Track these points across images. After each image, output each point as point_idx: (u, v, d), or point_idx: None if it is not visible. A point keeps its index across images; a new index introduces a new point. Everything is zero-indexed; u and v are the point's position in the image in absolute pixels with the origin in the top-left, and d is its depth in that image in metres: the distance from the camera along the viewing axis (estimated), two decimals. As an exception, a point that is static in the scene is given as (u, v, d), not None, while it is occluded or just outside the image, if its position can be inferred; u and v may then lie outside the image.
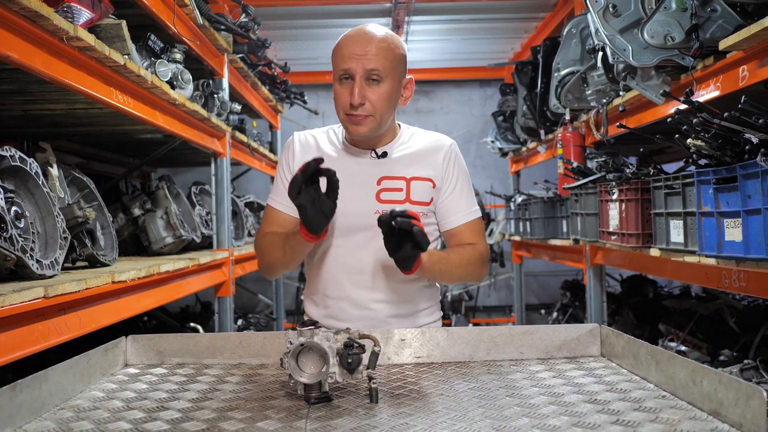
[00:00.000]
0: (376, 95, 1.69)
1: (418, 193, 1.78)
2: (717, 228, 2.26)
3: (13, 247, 1.93)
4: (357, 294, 1.78)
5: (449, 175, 1.82)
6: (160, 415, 1.21)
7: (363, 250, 1.77)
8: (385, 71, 1.69)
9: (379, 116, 1.71)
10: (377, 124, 1.72)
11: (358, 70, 1.67)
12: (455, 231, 1.83)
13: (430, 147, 1.84)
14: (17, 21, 1.78)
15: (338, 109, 1.73)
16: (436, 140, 1.86)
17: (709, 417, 1.10)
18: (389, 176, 1.78)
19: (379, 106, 1.70)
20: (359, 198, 1.76)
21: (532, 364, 1.54)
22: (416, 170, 1.79)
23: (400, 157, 1.81)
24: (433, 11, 5.66)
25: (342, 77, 1.70)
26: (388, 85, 1.70)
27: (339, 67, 1.70)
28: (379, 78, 1.69)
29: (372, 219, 1.73)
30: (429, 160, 1.81)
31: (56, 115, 2.97)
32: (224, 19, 3.82)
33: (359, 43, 1.69)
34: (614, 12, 2.75)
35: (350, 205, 1.74)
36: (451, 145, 1.86)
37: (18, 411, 1.15)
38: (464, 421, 1.13)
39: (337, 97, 1.72)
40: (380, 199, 1.76)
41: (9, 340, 1.67)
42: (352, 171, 1.77)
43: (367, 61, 1.67)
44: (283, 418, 1.18)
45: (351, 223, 1.76)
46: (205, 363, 1.61)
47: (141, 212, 3.51)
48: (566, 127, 4.21)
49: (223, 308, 4.03)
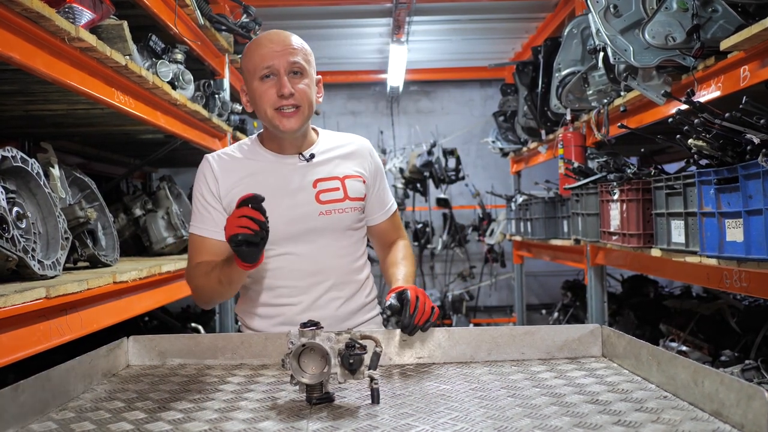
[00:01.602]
0: (301, 87, 1.73)
1: (354, 190, 1.83)
2: (718, 228, 2.26)
3: (15, 247, 1.93)
4: (314, 295, 1.79)
5: (373, 173, 1.90)
6: (162, 415, 1.21)
7: (314, 252, 1.78)
8: (305, 64, 1.75)
9: (306, 108, 1.75)
10: (305, 117, 1.76)
11: (282, 63, 1.72)
12: (383, 226, 1.96)
13: (353, 146, 1.90)
14: (19, 22, 1.78)
15: (264, 107, 1.74)
16: (356, 139, 1.94)
17: (711, 417, 1.10)
18: (323, 177, 1.81)
19: (304, 97, 1.74)
20: (300, 203, 1.77)
21: (533, 365, 1.54)
22: (347, 169, 1.85)
23: (329, 158, 1.84)
24: (433, 11, 5.66)
25: (263, 76, 1.72)
26: (308, 79, 1.76)
27: (260, 66, 1.72)
28: (301, 71, 1.74)
29: (316, 221, 1.78)
30: (356, 158, 1.88)
31: (57, 116, 2.97)
32: (225, 20, 3.82)
33: (276, 42, 1.75)
34: (615, 12, 2.74)
35: (293, 211, 1.76)
36: (369, 144, 1.95)
37: (21, 411, 1.15)
38: (466, 421, 1.14)
39: (261, 95, 1.73)
40: (320, 200, 1.79)
41: (11, 340, 1.67)
42: (285, 178, 1.79)
43: (289, 54, 1.73)
44: (284, 419, 1.18)
45: (297, 228, 1.77)
46: (207, 363, 1.61)
47: (142, 212, 3.51)
48: (567, 127, 4.21)
49: (224, 308, 4.03)
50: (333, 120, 7.46)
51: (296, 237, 1.77)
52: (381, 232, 1.97)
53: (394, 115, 7.84)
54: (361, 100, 7.88)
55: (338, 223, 1.80)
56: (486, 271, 7.73)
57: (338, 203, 1.80)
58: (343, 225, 1.81)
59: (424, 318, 1.58)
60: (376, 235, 1.98)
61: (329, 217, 1.78)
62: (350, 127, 7.20)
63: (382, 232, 1.97)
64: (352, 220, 1.83)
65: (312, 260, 1.78)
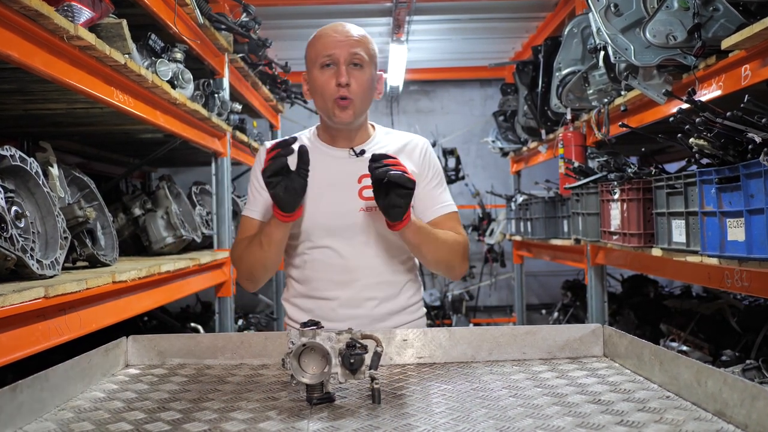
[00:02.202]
0: (359, 80, 1.73)
1: None
2: (719, 228, 2.25)
3: (14, 247, 1.92)
4: (347, 293, 1.78)
5: (426, 169, 1.85)
6: (162, 415, 1.20)
7: (351, 249, 1.77)
8: (366, 58, 1.74)
9: (360, 102, 1.74)
10: (359, 111, 1.75)
11: (342, 54, 1.71)
12: (435, 222, 1.83)
13: (406, 145, 1.87)
14: (17, 20, 1.77)
15: (324, 96, 1.74)
16: (411, 138, 1.90)
17: (714, 417, 1.10)
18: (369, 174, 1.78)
19: (360, 91, 1.73)
20: (342, 198, 1.76)
21: (534, 365, 1.54)
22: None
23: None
24: (433, 11, 5.65)
25: (324, 64, 1.73)
26: (368, 73, 1.75)
27: (321, 55, 1.73)
28: (361, 63, 1.73)
29: (357, 217, 1.75)
30: (406, 156, 1.84)
31: (56, 115, 2.96)
32: (225, 19, 3.81)
33: (340, 32, 1.74)
34: (616, 11, 2.74)
35: (334, 206, 1.76)
36: (426, 142, 1.90)
37: (18, 412, 1.14)
38: (467, 421, 1.13)
39: (319, 84, 1.73)
40: (363, 196, 1.77)
41: (9, 340, 1.66)
42: (331, 171, 1.78)
43: (350, 46, 1.72)
44: (285, 419, 1.17)
45: (336, 223, 1.76)
46: (206, 363, 1.60)
47: (141, 212, 3.51)
48: (567, 126, 4.20)
49: (223, 308, 4.02)
50: (333, 120, 7.44)
51: (335, 231, 1.76)
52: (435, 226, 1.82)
53: (393, 114, 7.83)
54: (360, 100, 7.85)
55: (380, 220, 1.75)
56: (486, 270, 7.72)
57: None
58: (384, 223, 1.75)
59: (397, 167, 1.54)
60: None
61: (371, 214, 1.76)
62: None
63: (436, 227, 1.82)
64: None
65: (348, 256, 1.77)
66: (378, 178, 1.54)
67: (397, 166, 1.55)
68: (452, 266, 1.83)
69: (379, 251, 1.79)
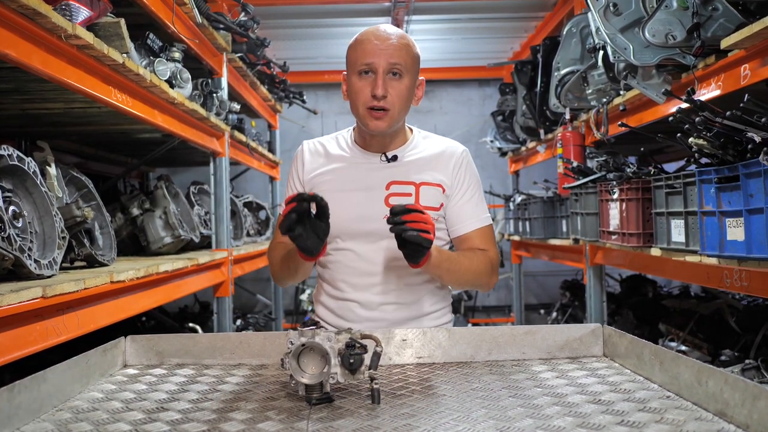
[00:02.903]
0: (397, 90, 1.70)
1: (428, 198, 1.78)
2: (719, 227, 2.25)
3: (11, 246, 1.91)
4: (367, 297, 1.79)
5: (460, 181, 1.81)
6: (160, 416, 1.20)
7: (372, 253, 1.78)
8: (406, 67, 1.71)
9: (396, 112, 1.72)
10: (394, 120, 1.73)
11: (381, 63, 1.68)
12: (466, 237, 1.82)
13: (442, 153, 1.83)
14: (15, 19, 1.76)
15: (358, 104, 1.73)
16: (449, 146, 1.86)
17: (715, 417, 1.09)
18: (398, 181, 1.78)
19: (398, 101, 1.71)
20: (368, 202, 1.76)
21: (534, 365, 1.53)
22: (426, 175, 1.79)
23: (411, 161, 1.81)
24: (432, 10, 5.65)
25: (362, 71, 1.70)
26: (408, 81, 1.72)
27: (360, 62, 1.70)
28: (401, 73, 1.70)
29: (380, 223, 1.73)
30: (440, 165, 1.81)
31: (54, 114, 2.95)
32: (223, 18, 3.80)
33: (381, 39, 1.71)
34: (615, 11, 2.74)
35: (359, 209, 1.76)
36: (464, 151, 1.86)
37: (16, 412, 1.14)
38: (467, 421, 1.12)
39: (356, 91, 1.72)
40: (389, 203, 1.76)
41: (7, 340, 1.66)
42: (361, 175, 1.79)
43: (390, 55, 1.69)
44: (284, 419, 1.17)
45: (360, 227, 1.77)
46: (205, 363, 1.60)
47: (139, 212, 3.50)
48: (566, 126, 4.20)
49: (222, 308, 4.01)
50: (331, 119, 7.44)
51: (359, 235, 1.77)
52: (465, 242, 1.82)
53: (392, 114, 7.82)
54: (359, 100, 7.85)
55: None
56: (484, 270, 7.70)
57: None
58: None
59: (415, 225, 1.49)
60: (460, 245, 1.84)
61: None
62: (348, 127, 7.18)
63: (465, 242, 1.82)
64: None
65: (369, 261, 1.78)
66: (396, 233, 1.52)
67: (417, 223, 1.50)
68: (479, 285, 1.84)
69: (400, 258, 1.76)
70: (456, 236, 1.83)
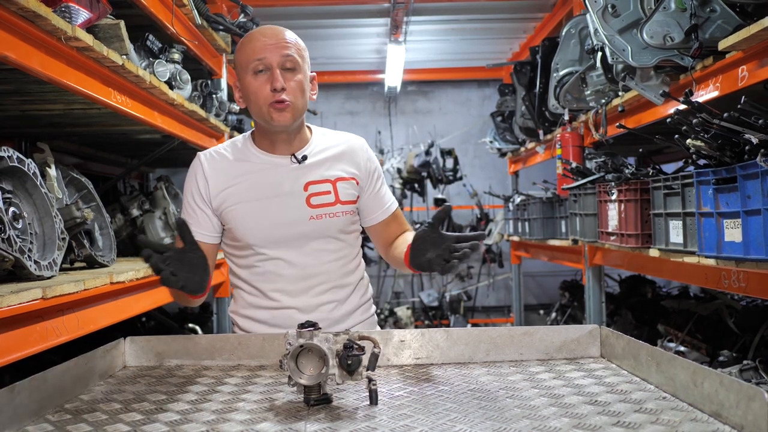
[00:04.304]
0: (294, 82, 1.71)
1: (345, 193, 1.80)
2: (717, 228, 2.26)
3: (11, 248, 1.92)
4: (304, 301, 1.78)
5: (370, 171, 1.86)
6: (159, 417, 1.21)
7: (303, 257, 1.77)
8: (298, 60, 1.72)
9: (299, 104, 1.72)
10: (298, 113, 1.73)
11: (274, 58, 1.69)
12: (389, 220, 1.90)
13: (347, 146, 1.86)
14: (15, 21, 1.77)
15: (259, 102, 1.70)
16: (350, 139, 1.89)
17: (710, 419, 1.10)
18: (315, 180, 1.78)
19: (296, 93, 1.71)
20: (290, 207, 1.75)
21: (532, 366, 1.54)
22: (339, 171, 1.81)
23: (321, 159, 1.81)
24: (431, 11, 5.66)
25: (256, 70, 1.70)
26: (301, 74, 1.73)
27: (252, 59, 1.70)
28: (294, 66, 1.71)
29: (306, 225, 1.75)
30: (349, 159, 1.84)
31: (54, 116, 2.96)
32: (222, 19, 3.81)
33: (269, 36, 1.72)
34: (613, 12, 2.75)
35: (283, 216, 1.74)
36: (363, 142, 1.91)
37: (17, 413, 1.14)
38: (465, 422, 1.13)
39: (253, 90, 1.70)
40: (311, 204, 1.76)
41: (7, 341, 1.66)
42: (276, 180, 1.76)
43: (282, 48, 1.70)
44: (282, 420, 1.17)
45: (286, 233, 1.75)
46: (204, 364, 1.60)
47: (139, 213, 3.50)
48: (565, 127, 4.21)
49: (221, 309, 4.02)
50: (331, 120, 7.45)
51: (286, 242, 1.76)
52: (382, 231, 1.91)
53: (391, 115, 7.84)
54: (358, 100, 7.87)
55: (329, 227, 1.77)
56: (484, 271, 7.73)
57: (329, 207, 1.77)
58: (334, 229, 1.78)
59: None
60: (378, 234, 1.92)
61: (320, 222, 1.76)
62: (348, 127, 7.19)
63: (383, 231, 1.91)
64: (344, 224, 1.80)
65: (303, 265, 1.77)
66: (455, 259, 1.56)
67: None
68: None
69: (330, 257, 1.80)
70: (377, 222, 1.89)
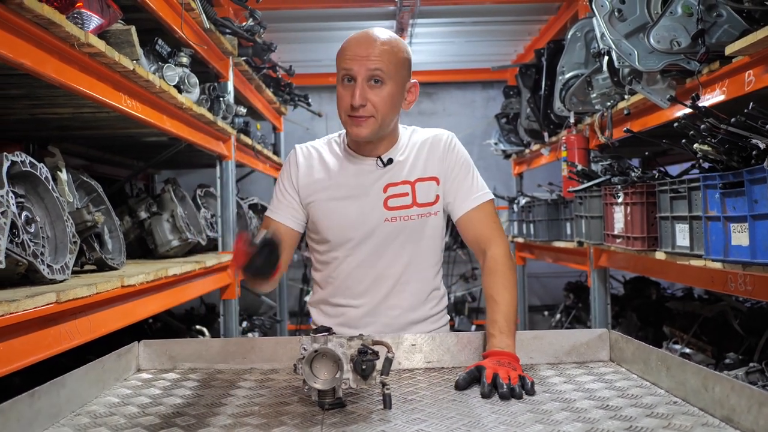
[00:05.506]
0: (378, 97, 1.69)
1: (423, 195, 1.80)
2: (723, 232, 2.26)
3: (25, 252, 1.93)
4: (369, 302, 1.81)
5: (450, 166, 1.83)
6: (176, 420, 1.22)
7: (375, 259, 1.80)
8: (387, 73, 1.69)
9: (381, 118, 1.71)
10: (378, 126, 1.73)
11: (360, 71, 1.68)
12: (466, 217, 1.81)
13: (429, 144, 1.85)
14: (29, 28, 1.79)
15: (340, 111, 1.75)
16: (434, 136, 1.87)
17: (722, 423, 1.11)
18: (394, 182, 1.80)
19: (380, 107, 1.70)
20: (367, 208, 1.78)
21: (542, 369, 1.55)
22: (419, 171, 1.81)
23: (403, 160, 1.83)
24: (437, 14, 5.66)
25: (344, 78, 1.71)
26: (390, 88, 1.70)
27: (341, 68, 1.72)
28: (382, 80, 1.69)
29: (382, 228, 1.76)
30: (430, 157, 1.83)
31: (63, 119, 2.97)
32: (230, 23, 3.82)
33: (362, 45, 1.70)
34: (620, 16, 2.75)
35: (359, 216, 1.78)
36: (448, 137, 1.87)
37: (36, 417, 1.16)
38: (479, 427, 1.15)
39: (338, 98, 1.74)
40: (388, 206, 1.78)
41: (23, 345, 1.68)
42: (357, 181, 1.80)
43: (370, 62, 1.68)
44: (298, 424, 1.19)
45: (361, 233, 1.79)
46: (217, 368, 1.62)
47: (147, 215, 3.52)
48: (570, 129, 4.21)
49: (228, 311, 4.03)
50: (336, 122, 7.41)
51: (360, 241, 1.79)
52: (468, 226, 1.81)
53: (396, 116, 7.84)
54: (363, 102, 7.86)
55: (404, 230, 1.78)
56: (488, 272, 7.71)
57: (405, 210, 1.78)
58: (409, 232, 1.78)
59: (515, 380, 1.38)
60: (465, 230, 1.82)
61: (395, 224, 1.78)
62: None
63: (469, 227, 1.81)
64: (420, 227, 1.79)
65: (372, 266, 1.79)
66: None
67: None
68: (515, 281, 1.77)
69: (403, 261, 1.80)
70: (457, 218, 1.82)
